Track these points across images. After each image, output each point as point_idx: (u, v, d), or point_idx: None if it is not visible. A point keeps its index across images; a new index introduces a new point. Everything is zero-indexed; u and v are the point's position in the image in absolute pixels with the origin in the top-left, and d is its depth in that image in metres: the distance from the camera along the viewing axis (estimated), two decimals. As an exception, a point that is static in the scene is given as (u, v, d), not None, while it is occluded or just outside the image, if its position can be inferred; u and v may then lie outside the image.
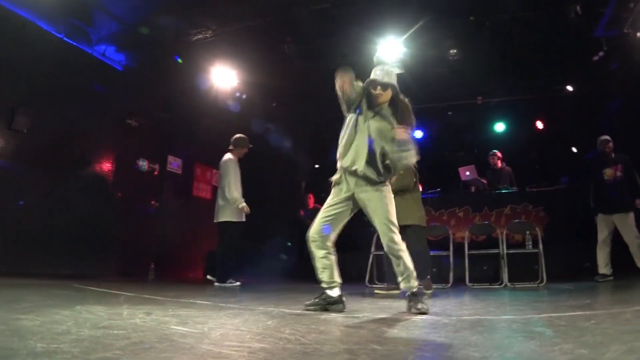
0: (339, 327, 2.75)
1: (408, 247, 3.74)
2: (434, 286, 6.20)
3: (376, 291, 5.98)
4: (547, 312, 3.46)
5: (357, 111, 3.86)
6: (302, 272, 8.81)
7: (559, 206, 8.88)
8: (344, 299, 3.74)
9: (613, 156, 7.19)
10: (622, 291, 5.51)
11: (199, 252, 8.99)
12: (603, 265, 6.89)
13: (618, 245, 6.97)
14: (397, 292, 5.57)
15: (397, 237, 3.64)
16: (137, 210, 7.97)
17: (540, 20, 7.55)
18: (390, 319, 3.14)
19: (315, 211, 3.81)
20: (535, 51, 8.45)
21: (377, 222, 3.68)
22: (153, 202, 6.97)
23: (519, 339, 2.38)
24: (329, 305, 3.67)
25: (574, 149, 11.77)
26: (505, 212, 9.01)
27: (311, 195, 10.51)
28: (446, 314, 3.42)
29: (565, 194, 9.09)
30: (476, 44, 7.98)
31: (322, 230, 3.73)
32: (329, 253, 3.71)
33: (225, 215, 6.95)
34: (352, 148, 3.79)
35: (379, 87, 3.82)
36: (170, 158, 8.83)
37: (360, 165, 3.72)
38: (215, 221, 7.07)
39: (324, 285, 3.71)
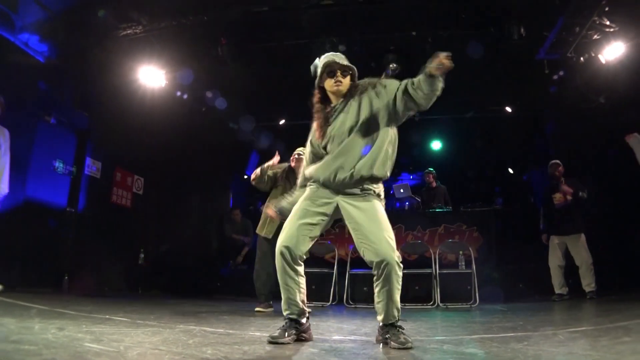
0: (263, 347, 2.81)
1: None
2: (364, 306, 6.30)
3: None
4: (479, 333, 3.61)
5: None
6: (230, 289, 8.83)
7: (493, 227, 9.28)
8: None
9: (563, 181, 7.61)
10: (558, 312, 5.83)
11: (117, 264, 8.77)
12: (559, 286, 7.30)
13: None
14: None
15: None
16: (51, 216, 7.64)
17: (483, 39, 7.88)
18: (320, 340, 3.23)
19: (244, 225, 3.68)
20: (475, 70, 8.81)
21: (374, 236, 2.88)
22: (68, 208, 6.68)
23: (448, 360, 2.48)
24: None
25: (510, 170, 12.40)
26: (439, 231, 9.32)
27: (238, 212, 10.46)
28: (374, 335, 3.53)
29: (499, 215, 9.52)
30: (417, 59, 8.21)
31: (292, 242, 2.95)
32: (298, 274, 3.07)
33: None
34: (337, 157, 3.04)
35: (339, 72, 3.05)
36: (89, 160, 8.54)
37: (358, 167, 3.01)
38: None
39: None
